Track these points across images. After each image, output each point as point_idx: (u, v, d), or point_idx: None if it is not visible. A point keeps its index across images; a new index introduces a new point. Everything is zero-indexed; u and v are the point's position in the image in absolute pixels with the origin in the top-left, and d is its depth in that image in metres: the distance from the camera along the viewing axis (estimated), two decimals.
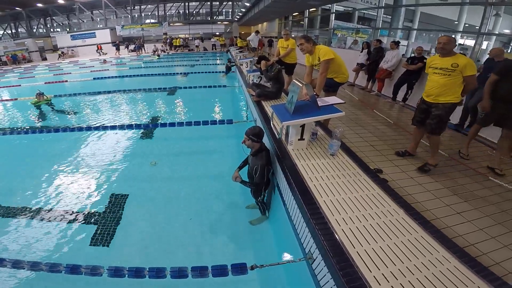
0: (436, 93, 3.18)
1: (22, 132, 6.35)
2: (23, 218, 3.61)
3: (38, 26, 30.02)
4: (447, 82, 3.07)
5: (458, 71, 2.97)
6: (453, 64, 2.98)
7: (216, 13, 31.06)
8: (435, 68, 3.16)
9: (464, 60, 2.96)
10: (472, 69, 2.94)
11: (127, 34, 28.70)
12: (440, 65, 3.09)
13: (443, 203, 2.80)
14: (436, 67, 3.14)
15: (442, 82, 3.10)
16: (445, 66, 3.04)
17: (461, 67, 2.93)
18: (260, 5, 15.98)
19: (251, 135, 2.91)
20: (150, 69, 15.97)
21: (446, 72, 3.04)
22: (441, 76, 3.09)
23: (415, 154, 3.75)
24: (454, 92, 3.09)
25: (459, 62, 2.95)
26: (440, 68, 3.09)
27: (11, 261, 2.53)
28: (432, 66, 3.22)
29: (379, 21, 10.29)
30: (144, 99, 9.50)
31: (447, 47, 3.04)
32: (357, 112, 5.72)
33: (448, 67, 3.01)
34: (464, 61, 2.94)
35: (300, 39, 3.95)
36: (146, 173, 4.67)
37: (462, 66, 2.93)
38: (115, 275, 2.27)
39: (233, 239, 3.19)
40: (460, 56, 3.02)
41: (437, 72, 3.13)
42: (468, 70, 2.93)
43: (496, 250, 2.24)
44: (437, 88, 3.16)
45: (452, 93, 3.09)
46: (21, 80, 14.32)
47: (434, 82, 3.19)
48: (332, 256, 1.81)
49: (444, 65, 3.05)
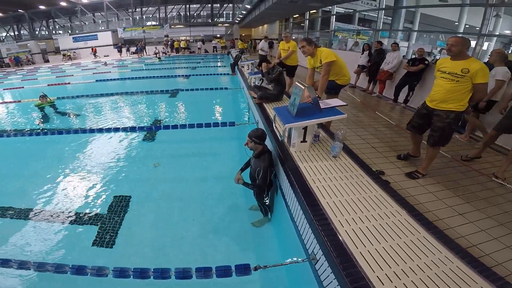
0: (440, 99, 2.92)
1: (26, 134, 6.40)
2: (27, 219, 3.63)
3: (41, 28, 30.19)
4: (453, 88, 2.80)
5: (468, 77, 2.68)
6: (464, 70, 2.68)
7: (217, 15, 31.19)
8: (443, 72, 2.89)
9: (476, 65, 2.64)
10: (484, 77, 2.64)
11: (128, 36, 28.86)
12: (449, 69, 2.81)
13: (445, 204, 2.81)
14: (445, 71, 2.86)
15: (447, 88, 2.83)
16: (455, 71, 2.75)
17: (472, 73, 2.64)
18: (261, 7, 16.06)
19: (253, 137, 2.93)
20: (152, 71, 16.05)
21: (454, 77, 2.76)
22: (448, 81, 2.82)
23: (419, 156, 3.59)
24: (460, 100, 2.81)
25: (471, 68, 2.65)
26: (449, 73, 2.81)
27: (17, 262, 2.54)
28: (440, 70, 2.94)
29: (379, 22, 10.32)
30: (147, 101, 9.56)
31: (454, 49, 2.74)
32: (358, 114, 5.74)
33: (458, 72, 2.73)
34: (477, 67, 2.63)
35: (302, 41, 3.97)
36: (149, 174, 4.70)
37: (473, 72, 2.64)
38: (120, 276, 2.29)
39: (236, 240, 3.20)
40: (474, 61, 2.70)
41: (445, 76, 2.86)
42: (480, 77, 2.64)
43: (498, 251, 2.24)
44: (442, 94, 2.88)
45: (458, 101, 2.81)
46: (24, 82, 14.41)
47: (439, 86, 2.92)
48: (336, 257, 1.83)
49: (454, 69, 2.77)
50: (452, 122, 2.92)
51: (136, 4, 29.21)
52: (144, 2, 29.62)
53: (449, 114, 2.90)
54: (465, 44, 2.74)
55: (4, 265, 2.59)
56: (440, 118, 2.96)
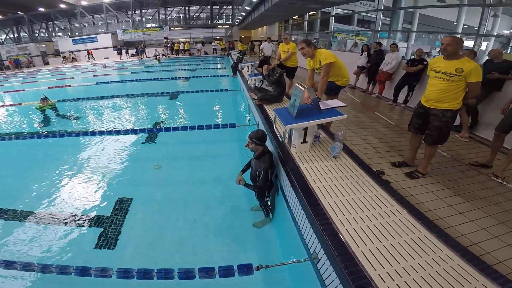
0: (435, 99, 2.97)
1: (27, 137, 6.41)
2: (28, 221, 3.65)
3: (40, 31, 30.24)
4: (448, 88, 2.86)
5: (462, 77, 2.75)
6: (458, 69, 2.75)
7: (217, 17, 31.27)
8: (436, 72, 2.95)
9: (470, 65, 2.72)
10: (478, 76, 2.71)
11: (128, 38, 28.91)
12: (443, 69, 2.87)
13: (445, 203, 2.83)
14: (438, 71, 2.92)
15: (442, 87, 2.89)
16: (448, 70, 2.82)
17: (466, 72, 2.71)
18: (260, 9, 16.12)
19: (254, 139, 2.95)
20: (152, 73, 16.08)
21: (449, 77, 2.82)
22: (443, 81, 2.88)
23: (412, 165, 3.52)
24: (455, 99, 2.87)
25: (465, 67, 2.72)
26: (443, 72, 2.86)
27: (22, 264, 2.56)
28: (434, 69, 3.00)
29: (378, 23, 10.37)
30: (147, 104, 9.57)
31: (450, 48, 2.79)
32: (358, 115, 5.77)
33: (452, 72, 2.79)
34: (470, 66, 2.70)
35: (301, 43, 3.99)
36: (150, 176, 4.71)
37: (467, 72, 2.71)
38: (124, 276, 2.31)
39: (238, 241, 3.22)
40: (467, 60, 2.77)
41: (439, 76, 2.92)
42: (473, 76, 2.71)
43: (499, 249, 2.26)
44: (437, 93, 2.95)
45: (453, 100, 2.88)
46: (24, 85, 14.43)
47: (434, 86, 2.98)
48: (337, 256, 1.85)
49: (448, 69, 2.83)
50: (449, 120, 2.98)
51: (135, 6, 29.28)
52: (143, 4, 29.71)
53: (446, 113, 2.95)
54: (459, 43, 2.81)
55: (8, 267, 2.60)
56: (437, 117, 3.01)
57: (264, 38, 13.06)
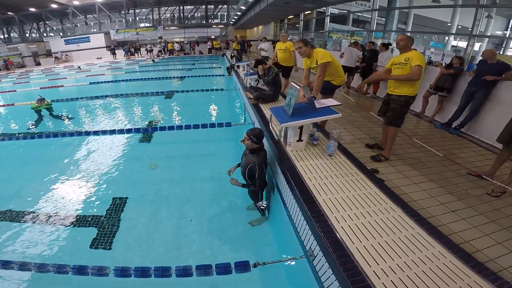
0: (393, 86, 3.55)
1: (20, 138, 6.34)
2: (24, 222, 3.63)
3: (31, 31, 29.76)
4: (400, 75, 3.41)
5: (409, 64, 3.27)
6: (406, 58, 3.31)
7: (211, 16, 31.11)
8: (394, 64, 3.51)
9: (414, 53, 3.31)
10: (418, 60, 3.20)
11: (121, 38, 28.53)
12: (397, 61, 3.45)
13: (438, 201, 2.88)
14: (395, 63, 3.50)
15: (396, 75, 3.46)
16: (400, 60, 3.40)
17: (411, 59, 3.25)
18: (255, 8, 16.11)
19: (251, 136, 2.94)
20: (146, 73, 16.00)
21: (400, 66, 3.39)
22: (397, 70, 3.43)
23: (384, 148, 3.89)
24: (409, 86, 3.38)
25: (410, 56, 3.28)
26: (397, 63, 3.44)
27: (18, 263, 2.55)
28: (393, 63, 3.55)
29: (373, 23, 10.45)
30: (142, 103, 9.53)
31: (401, 44, 3.40)
32: (353, 114, 5.81)
33: (402, 61, 3.36)
34: (413, 54, 3.29)
35: (298, 42, 4.02)
36: (145, 176, 4.70)
37: (411, 58, 3.25)
38: (121, 275, 2.31)
39: (234, 239, 3.24)
40: (413, 52, 3.36)
41: (395, 67, 3.49)
42: (414, 60, 3.22)
43: (490, 247, 2.30)
44: (394, 81, 3.52)
45: (407, 86, 3.39)
46: (16, 85, 14.23)
47: None
48: (333, 252, 1.88)
49: (400, 60, 3.41)
50: (403, 104, 3.50)
51: (129, 6, 28.93)
52: (137, 4, 29.38)
53: (400, 97, 3.48)
54: (409, 40, 3.43)
55: (5, 267, 2.58)
56: (394, 100, 3.57)
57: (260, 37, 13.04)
